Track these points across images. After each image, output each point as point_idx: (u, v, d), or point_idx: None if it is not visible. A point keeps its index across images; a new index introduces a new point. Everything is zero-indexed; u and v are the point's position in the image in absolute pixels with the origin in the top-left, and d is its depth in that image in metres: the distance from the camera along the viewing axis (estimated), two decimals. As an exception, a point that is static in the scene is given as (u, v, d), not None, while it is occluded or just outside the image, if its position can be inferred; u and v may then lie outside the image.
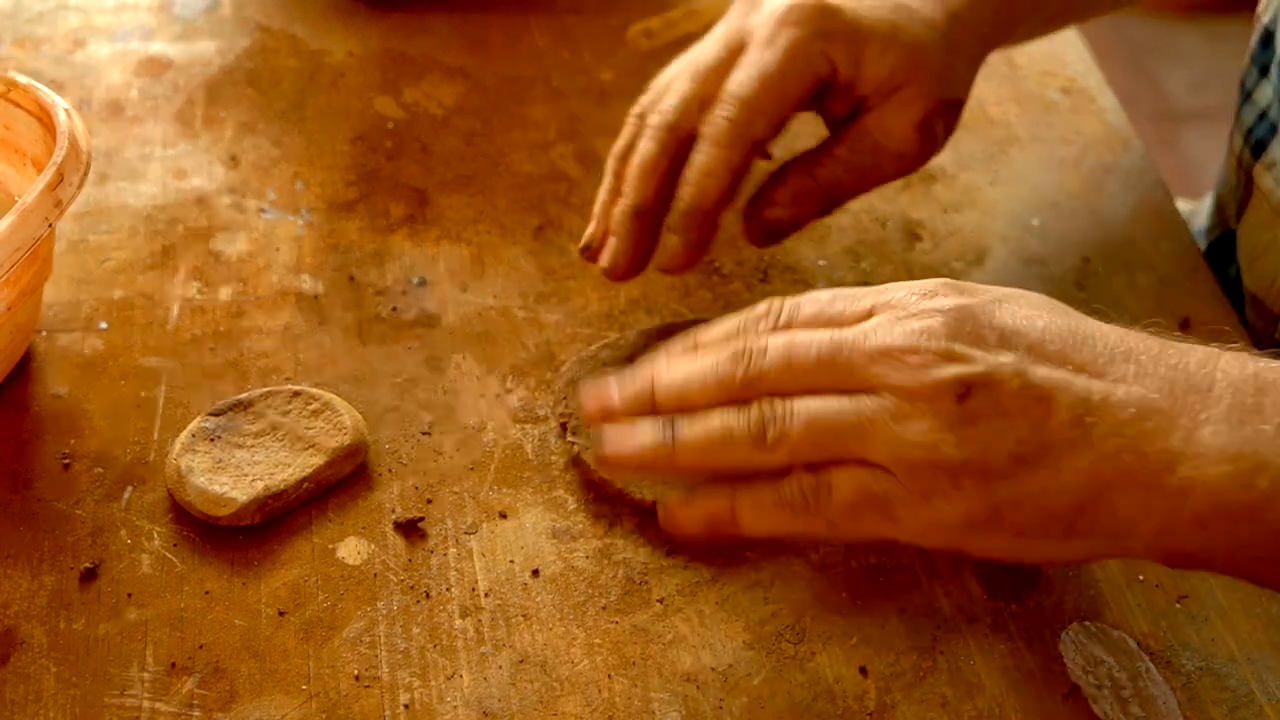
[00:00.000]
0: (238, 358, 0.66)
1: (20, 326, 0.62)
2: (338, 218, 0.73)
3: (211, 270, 0.70)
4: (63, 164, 0.58)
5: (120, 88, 0.81)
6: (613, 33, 0.87)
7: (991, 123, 0.82)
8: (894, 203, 0.76)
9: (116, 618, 0.55)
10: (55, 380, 0.64)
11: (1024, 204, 0.76)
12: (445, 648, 0.54)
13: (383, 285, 0.70)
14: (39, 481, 0.60)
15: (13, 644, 0.54)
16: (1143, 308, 0.70)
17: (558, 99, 0.82)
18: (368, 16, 0.87)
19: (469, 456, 0.62)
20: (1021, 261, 0.73)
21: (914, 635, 0.56)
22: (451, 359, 0.66)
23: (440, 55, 0.85)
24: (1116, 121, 0.82)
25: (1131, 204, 0.77)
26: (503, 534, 0.59)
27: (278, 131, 0.79)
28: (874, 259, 0.72)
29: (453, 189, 0.76)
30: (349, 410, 0.61)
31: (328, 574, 0.57)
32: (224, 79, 0.82)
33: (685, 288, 0.70)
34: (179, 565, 0.57)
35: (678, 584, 0.57)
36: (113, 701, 0.52)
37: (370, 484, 0.60)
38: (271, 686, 0.53)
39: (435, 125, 0.80)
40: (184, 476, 0.58)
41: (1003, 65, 0.86)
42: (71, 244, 0.71)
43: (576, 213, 0.74)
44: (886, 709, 0.53)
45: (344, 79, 0.83)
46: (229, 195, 0.74)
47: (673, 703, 0.53)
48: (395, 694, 0.53)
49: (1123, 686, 0.54)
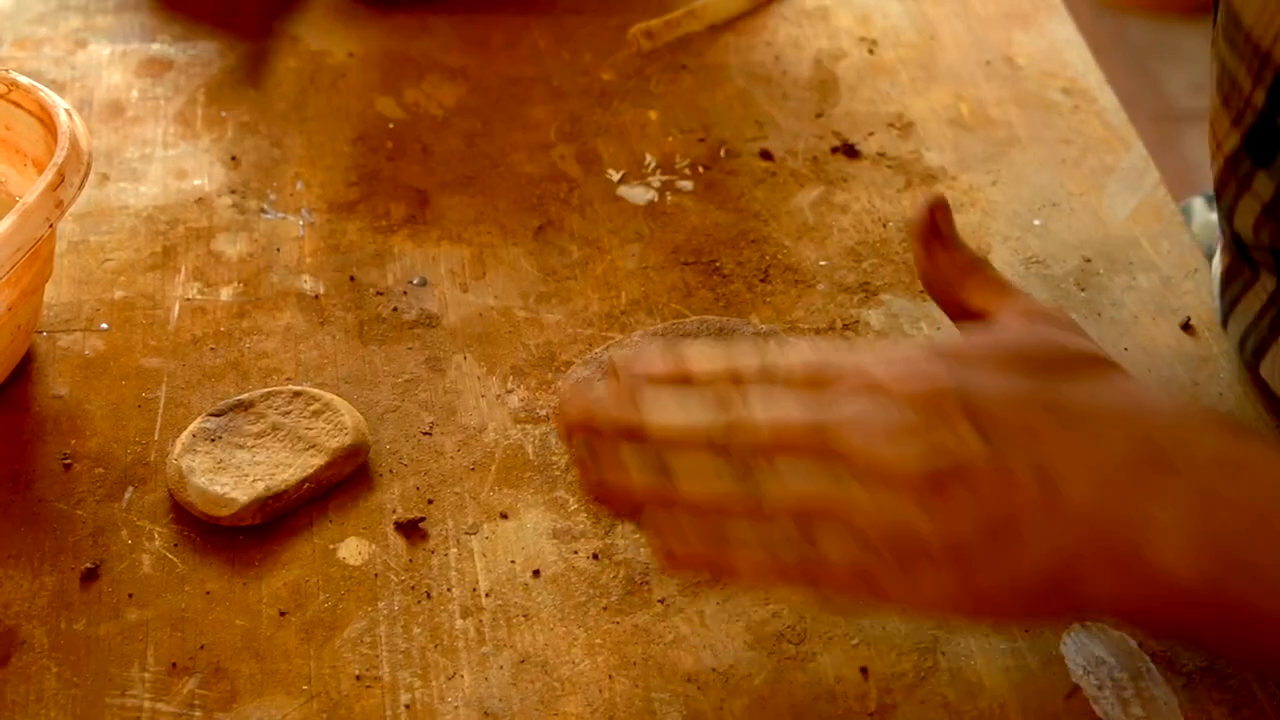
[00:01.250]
0: (238, 358, 0.66)
1: (21, 327, 0.62)
2: (338, 218, 0.73)
3: (212, 271, 0.70)
4: (63, 164, 0.58)
5: (121, 88, 0.81)
6: (613, 33, 0.87)
7: (992, 123, 0.82)
8: (895, 203, 0.76)
9: (117, 618, 0.55)
10: (56, 381, 0.64)
11: (1024, 204, 0.76)
12: (446, 648, 0.54)
13: (383, 286, 0.70)
14: (40, 482, 0.60)
15: (13, 644, 0.54)
16: (1143, 308, 0.70)
17: (558, 99, 0.82)
18: (368, 17, 0.87)
19: (470, 457, 0.62)
20: (1022, 261, 0.73)
21: (915, 635, 0.56)
22: (452, 359, 0.66)
23: (441, 56, 0.85)
24: (1116, 121, 0.82)
25: (1132, 204, 0.77)
26: (504, 534, 0.59)
27: (278, 132, 0.79)
28: (875, 259, 0.72)
29: (453, 189, 0.76)
30: (350, 410, 0.61)
31: (328, 574, 0.57)
32: (224, 79, 0.82)
33: (686, 288, 0.70)
34: (180, 565, 0.57)
35: (679, 584, 0.57)
36: (113, 702, 0.52)
37: (371, 484, 0.60)
38: (272, 687, 0.53)
39: (436, 126, 0.80)
40: (185, 477, 0.58)
41: (1003, 66, 0.86)
42: (72, 244, 0.71)
43: (577, 213, 0.74)
44: (888, 710, 0.53)
45: (344, 79, 0.83)
46: (229, 196, 0.74)
47: (674, 703, 0.53)
48: (396, 694, 0.53)
49: (1124, 687, 0.54)
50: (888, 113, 0.82)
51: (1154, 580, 0.46)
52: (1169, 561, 0.46)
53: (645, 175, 0.77)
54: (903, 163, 0.78)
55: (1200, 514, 0.46)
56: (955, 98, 0.83)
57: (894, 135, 0.80)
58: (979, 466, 0.47)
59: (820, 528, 0.49)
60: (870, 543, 0.49)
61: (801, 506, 0.50)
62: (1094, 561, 0.47)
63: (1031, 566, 0.47)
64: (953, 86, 0.84)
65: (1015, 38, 0.88)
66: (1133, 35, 2.21)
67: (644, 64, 0.85)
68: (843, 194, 0.76)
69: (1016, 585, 0.48)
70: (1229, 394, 0.66)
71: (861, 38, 0.87)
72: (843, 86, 0.83)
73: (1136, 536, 0.46)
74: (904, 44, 0.87)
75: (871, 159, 0.78)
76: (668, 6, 0.88)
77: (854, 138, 0.80)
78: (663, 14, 0.86)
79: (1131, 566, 0.46)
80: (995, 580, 0.48)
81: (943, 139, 0.80)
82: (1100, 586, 0.47)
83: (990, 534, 0.47)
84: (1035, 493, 0.47)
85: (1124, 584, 0.47)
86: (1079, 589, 0.47)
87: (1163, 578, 0.46)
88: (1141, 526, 0.46)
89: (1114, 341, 0.68)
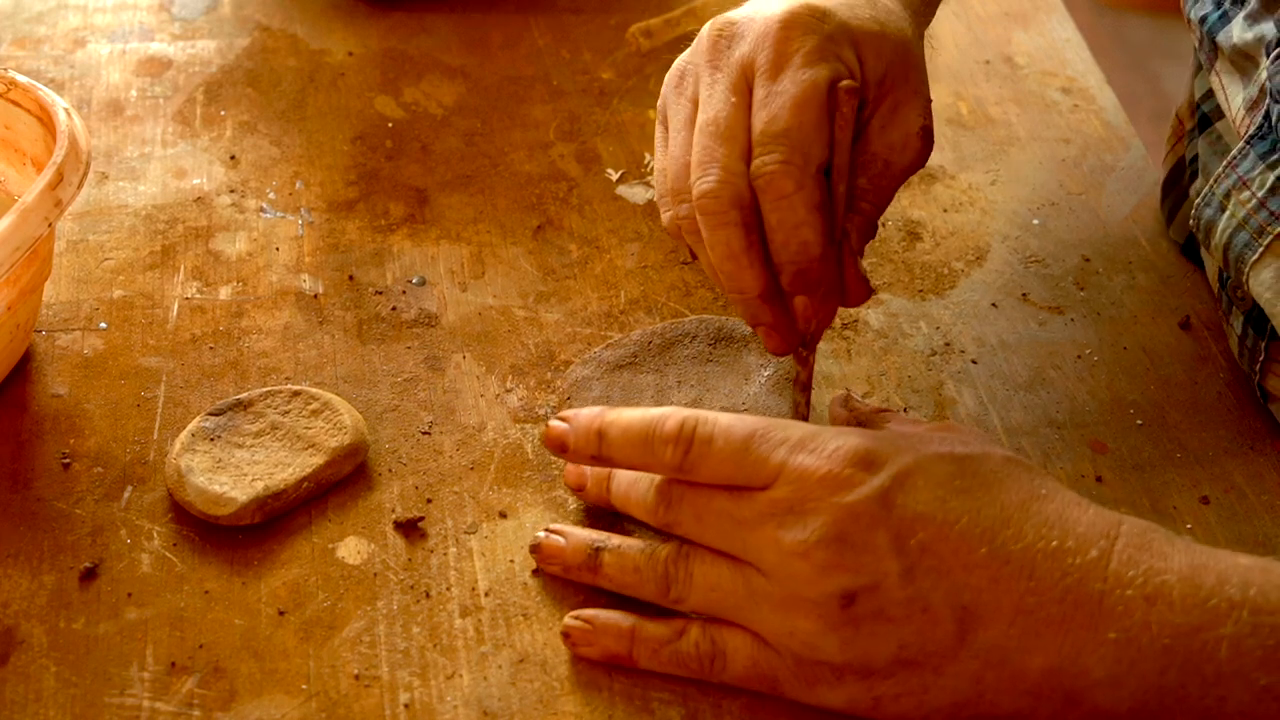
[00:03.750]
0: (237, 357, 0.65)
1: (20, 326, 0.62)
2: (337, 217, 0.73)
3: (211, 270, 0.70)
4: (63, 164, 0.58)
5: (120, 87, 0.81)
6: (613, 33, 0.87)
7: (991, 123, 0.82)
8: (894, 202, 0.76)
9: (116, 617, 0.55)
10: (55, 380, 0.64)
11: (1024, 204, 0.76)
12: (445, 647, 0.54)
13: (382, 285, 0.70)
14: (39, 481, 0.60)
15: (13, 643, 0.54)
16: (1143, 308, 0.70)
17: (558, 99, 0.82)
18: (368, 16, 0.87)
19: (469, 456, 0.62)
20: (1021, 261, 0.73)
21: (914, 635, 0.56)
22: (451, 359, 0.66)
23: (440, 55, 0.85)
24: (1116, 121, 0.82)
25: (1131, 204, 0.77)
26: (503, 533, 0.59)
27: (278, 131, 0.79)
28: (874, 259, 0.72)
29: (453, 189, 0.76)
30: (349, 410, 0.61)
31: (328, 573, 0.57)
32: (224, 79, 0.82)
33: (685, 287, 0.70)
34: (179, 565, 0.57)
35: (678, 584, 0.57)
36: (113, 701, 0.52)
37: (370, 484, 0.60)
38: (271, 686, 0.53)
39: (435, 125, 0.80)
40: (184, 476, 0.58)
41: (1003, 65, 0.86)
42: (71, 244, 0.71)
43: (576, 212, 0.74)
44: (886, 709, 0.53)
45: (344, 79, 0.83)
46: (229, 195, 0.74)
47: (673, 702, 0.53)
48: (395, 693, 0.53)
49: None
50: (887, 112, 0.82)
51: (1071, 708, 0.46)
52: (1091, 693, 0.46)
53: (644, 174, 0.77)
54: (902, 162, 0.78)
55: (1119, 647, 0.45)
56: (955, 97, 0.83)
57: (893, 134, 0.80)
58: (894, 596, 0.47)
59: (728, 642, 0.51)
60: (775, 650, 0.50)
61: (711, 611, 0.52)
62: (1007, 691, 0.47)
63: (939, 688, 0.47)
64: (952, 86, 0.84)
65: (1015, 37, 0.88)
66: (1132, 35, 2.21)
67: (643, 63, 0.85)
68: (842, 193, 0.76)
69: (923, 702, 0.48)
70: (1228, 393, 0.66)
71: (861, 37, 0.87)
72: (842, 86, 0.83)
73: (1056, 671, 0.46)
74: (903, 43, 0.87)
75: (871, 158, 0.78)
76: (667, 6, 0.88)
77: (853, 137, 0.80)
78: (662, 13, 0.86)
79: (1048, 697, 0.47)
80: (903, 705, 0.48)
81: (942, 138, 0.80)
82: (1011, 710, 0.47)
83: (901, 664, 0.48)
84: (952, 629, 0.47)
85: (1039, 712, 0.47)
86: (988, 710, 0.47)
87: (1083, 706, 0.46)
88: (1063, 660, 0.46)
89: (1113, 341, 0.68)
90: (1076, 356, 0.67)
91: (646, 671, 0.53)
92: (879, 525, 0.47)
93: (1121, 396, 0.66)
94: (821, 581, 0.47)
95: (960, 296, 0.71)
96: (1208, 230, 0.63)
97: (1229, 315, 0.66)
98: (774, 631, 0.50)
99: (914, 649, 0.47)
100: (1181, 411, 0.65)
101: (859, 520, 0.48)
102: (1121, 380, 0.66)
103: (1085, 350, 0.68)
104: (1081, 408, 0.65)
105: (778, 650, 0.50)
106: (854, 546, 0.47)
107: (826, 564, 0.47)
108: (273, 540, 0.58)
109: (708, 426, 0.51)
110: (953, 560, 0.47)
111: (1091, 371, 0.67)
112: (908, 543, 0.47)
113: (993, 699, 0.47)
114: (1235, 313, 0.65)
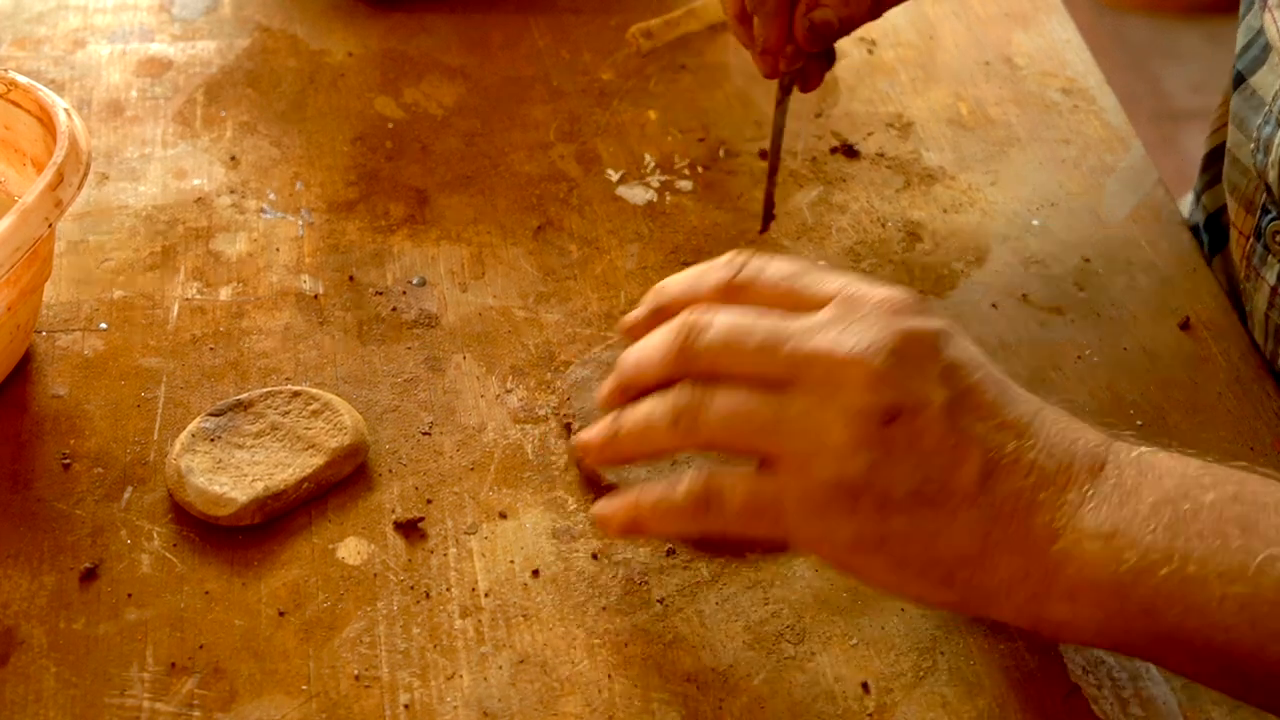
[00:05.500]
0: (238, 358, 0.66)
1: (20, 326, 0.62)
2: (338, 218, 0.73)
3: (211, 270, 0.70)
4: (63, 164, 0.58)
5: (120, 88, 0.81)
6: (613, 33, 0.87)
7: (991, 123, 0.82)
8: (894, 203, 0.76)
9: (116, 618, 0.55)
10: (55, 380, 0.64)
11: (1024, 204, 0.76)
12: (445, 648, 0.54)
13: (383, 285, 0.70)
14: (39, 481, 0.60)
15: (13, 644, 0.54)
16: (1143, 307, 0.70)
17: (558, 99, 0.82)
18: (368, 16, 0.87)
19: (469, 457, 0.62)
20: (1021, 261, 0.73)
21: (914, 636, 0.56)
22: (451, 359, 0.66)
23: (440, 55, 0.85)
24: (1116, 121, 0.82)
25: (1131, 204, 0.77)
26: (503, 534, 0.59)
27: (278, 132, 0.79)
28: (874, 259, 0.72)
29: (453, 189, 0.76)
30: (349, 410, 0.61)
31: (328, 574, 0.57)
32: (224, 79, 0.82)
33: (685, 288, 0.70)
34: (179, 565, 0.57)
35: (678, 584, 0.57)
36: (112, 701, 0.52)
37: (370, 484, 0.60)
38: (271, 686, 0.53)
39: (435, 125, 0.80)
40: (184, 477, 0.58)
41: (1003, 66, 0.86)
42: (71, 244, 0.71)
43: (576, 212, 0.74)
44: (887, 709, 0.53)
45: (344, 79, 0.83)
46: (229, 195, 0.74)
47: (673, 703, 0.53)
48: (395, 694, 0.53)
49: (1123, 687, 0.54)
50: (887, 113, 0.82)
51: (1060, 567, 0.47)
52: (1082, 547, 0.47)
53: (644, 175, 0.77)
54: (902, 163, 0.78)
55: (1113, 505, 0.47)
56: (954, 98, 0.83)
57: (893, 135, 0.80)
58: (934, 426, 0.47)
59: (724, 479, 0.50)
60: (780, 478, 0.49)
61: (725, 440, 0.50)
62: (1008, 548, 0.47)
63: (948, 535, 0.47)
64: (952, 86, 0.84)
65: (1015, 38, 0.88)
66: (1132, 35, 2.21)
67: (643, 64, 0.85)
68: (841, 194, 0.76)
69: (929, 549, 0.48)
70: (1228, 394, 0.66)
71: (861, 38, 0.87)
72: (842, 86, 0.83)
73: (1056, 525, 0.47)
74: (903, 44, 0.87)
75: (870, 159, 0.78)
76: (667, 6, 0.88)
77: (853, 138, 0.80)
78: (662, 14, 0.86)
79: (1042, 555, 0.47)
80: (909, 551, 0.48)
81: (942, 139, 0.80)
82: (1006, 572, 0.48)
83: (920, 499, 0.47)
84: (976, 474, 0.47)
85: (1031, 572, 0.47)
86: (986, 571, 0.48)
87: (1071, 563, 0.47)
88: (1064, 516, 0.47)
89: (1113, 341, 0.68)
90: (1076, 357, 0.68)
91: (646, 672, 0.53)
92: (935, 356, 0.48)
93: (1121, 397, 0.66)
94: (871, 391, 0.47)
95: (960, 297, 0.71)
96: (1266, 146, 0.66)
97: (1260, 269, 0.67)
98: (798, 449, 0.48)
99: (936, 485, 0.47)
100: (1181, 412, 0.65)
101: (919, 343, 0.48)
102: (1121, 381, 0.66)
103: (1085, 351, 0.68)
104: (1081, 408, 0.65)
105: (787, 475, 0.49)
106: (909, 366, 0.48)
107: (881, 374, 0.47)
108: (273, 541, 0.58)
109: (759, 260, 0.52)
110: (988, 412, 0.48)
111: (1091, 372, 0.67)
112: (957, 381, 0.48)
113: (993, 559, 0.47)
114: (1270, 262, 0.66)
